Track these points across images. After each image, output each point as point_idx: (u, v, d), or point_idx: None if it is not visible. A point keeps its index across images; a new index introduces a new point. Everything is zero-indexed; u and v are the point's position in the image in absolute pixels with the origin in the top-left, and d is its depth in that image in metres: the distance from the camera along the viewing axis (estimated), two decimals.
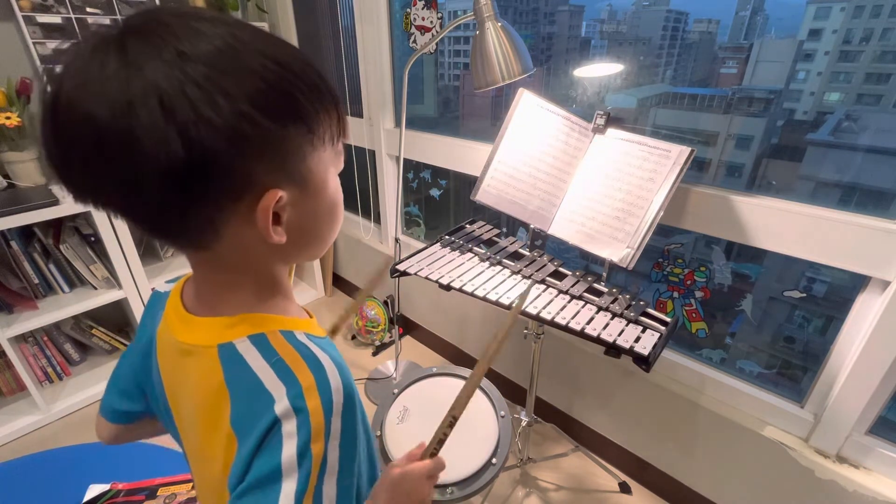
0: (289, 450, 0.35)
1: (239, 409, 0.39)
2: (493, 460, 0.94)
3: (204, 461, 0.44)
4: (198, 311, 0.44)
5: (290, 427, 0.35)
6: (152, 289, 1.70)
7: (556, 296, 0.99)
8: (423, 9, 1.51)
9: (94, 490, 1.10)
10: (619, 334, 0.87)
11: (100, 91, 0.30)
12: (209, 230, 0.36)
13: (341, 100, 0.40)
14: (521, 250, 1.18)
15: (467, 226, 1.30)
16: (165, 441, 0.56)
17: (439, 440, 0.54)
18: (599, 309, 0.95)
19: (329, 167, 0.41)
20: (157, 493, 1.10)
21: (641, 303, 0.95)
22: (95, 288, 1.66)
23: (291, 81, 0.34)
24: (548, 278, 1.04)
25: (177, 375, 0.45)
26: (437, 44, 1.58)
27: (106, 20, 1.63)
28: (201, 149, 0.30)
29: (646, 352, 0.82)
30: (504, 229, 1.33)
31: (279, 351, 0.39)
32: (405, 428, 1.01)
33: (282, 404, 0.36)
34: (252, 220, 0.36)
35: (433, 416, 1.02)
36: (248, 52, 0.33)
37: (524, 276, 1.06)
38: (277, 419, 0.36)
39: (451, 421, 0.54)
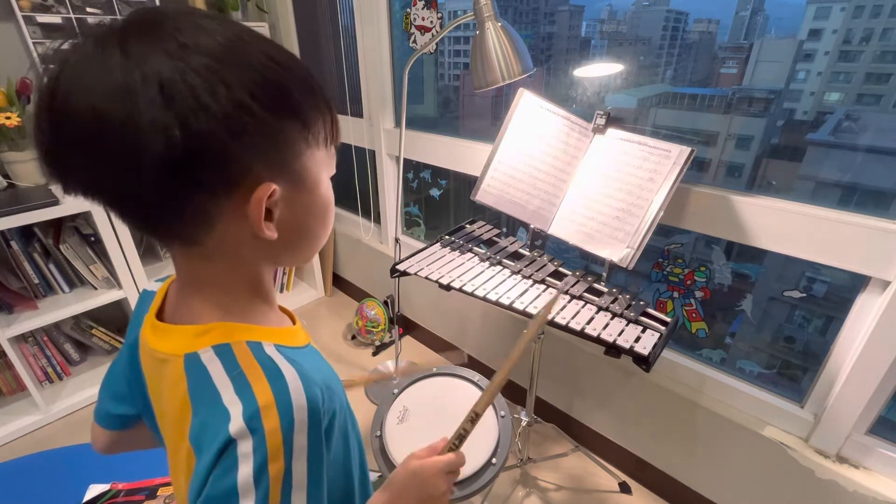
0: (245, 470, 0.34)
1: (196, 423, 0.37)
2: (493, 460, 0.94)
3: (175, 470, 0.44)
4: (178, 315, 0.43)
5: (245, 448, 0.34)
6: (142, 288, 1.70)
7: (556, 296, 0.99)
8: (423, 9, 1.51)
9: (94, 490, 1.11)
10: (619, 334, 0.87)
11: (101, 81, 0.30)
12: (202, 222, 0.36)
13: (336, 105, 0.40)
14: (521, 250, 1.18)
15: (467, 226, 1.30)
16: None
17: (460, 436, 0.54)
18: (599, 309, 0.95)
19: (322, 168, 0.41)
20: (157, 493, 1.10)
21: (641, 303, 0.95)
22: (95, 288, 1.66)
23: (289, 79, 0.35)
24: (548, 278, 1.04)
25: (157, 382, 0.45)
26: (437, 44, 1.58)
27: (105, 20, 1.63)
28: (199, 136, 0.31)
29: (646, 352, 0.82)
30: (504, 229, 1.32)
31: (241, 363, 0.38)
32: (405, 428, 1.01)
33: (236, 423, 0.34)
34: (244, 214, 0.36)
35: (433, 416, 1.02)
36: (248, 49, 0.34)
37: (524, 276, 1.06)
38: (232, 439, 0.34)
39: (472, 417, 0.53)
